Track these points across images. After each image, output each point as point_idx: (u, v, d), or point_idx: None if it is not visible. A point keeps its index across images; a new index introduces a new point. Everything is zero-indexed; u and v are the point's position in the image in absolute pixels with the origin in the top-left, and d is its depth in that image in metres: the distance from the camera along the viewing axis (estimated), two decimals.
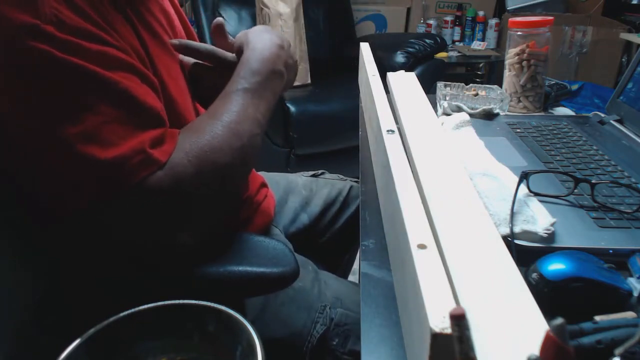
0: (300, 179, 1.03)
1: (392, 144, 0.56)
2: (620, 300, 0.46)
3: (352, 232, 1.02)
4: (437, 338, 0.29)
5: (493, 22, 3.09)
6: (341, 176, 1.09)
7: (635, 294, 0.47)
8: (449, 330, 0.28)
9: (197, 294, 0.57)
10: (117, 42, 0.52)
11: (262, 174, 0.93)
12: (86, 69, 0.48)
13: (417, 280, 0.34)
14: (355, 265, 1.20)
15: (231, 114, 0.57)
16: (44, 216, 0.54)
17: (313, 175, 1.07)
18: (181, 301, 0.46)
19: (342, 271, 1.10)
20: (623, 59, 2.76)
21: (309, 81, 2.34)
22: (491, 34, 3.11)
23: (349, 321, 0.72)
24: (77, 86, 0.49)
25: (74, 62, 0.47)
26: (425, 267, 0.35)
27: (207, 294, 0.58)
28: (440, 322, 0.29)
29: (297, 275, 0.58)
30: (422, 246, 0.37)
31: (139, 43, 0.58)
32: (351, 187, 1.04)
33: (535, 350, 0.28)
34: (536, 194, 0.61)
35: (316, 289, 0.75)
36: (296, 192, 0.99)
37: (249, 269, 0.57)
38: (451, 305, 0.31)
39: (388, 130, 0.59)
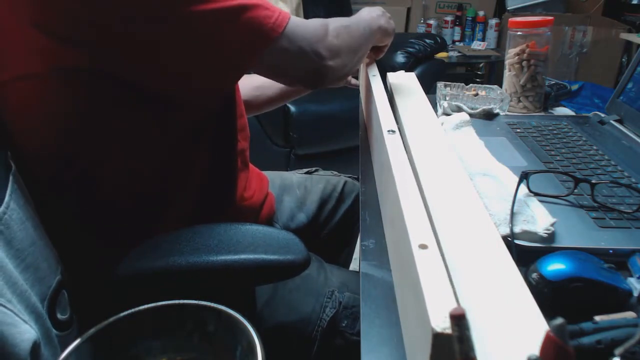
0: (295, 177, 1.04)
1: (392, 144, 0.56)
2: (620, 300, 0.46)
3: (349, 226, 1.03)
4: (438, 338, 0.29)
5: (493, 22, 3.10)
6: (335, 172, 1.10)
7: (635, 294, 0.47)
8: (450, 330, 0.28)
9: (213, 281, 0.60)
10: None
11: None
12: None
13: (418, 280, 0.34)
14: (355, 265, 1.20)
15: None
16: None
17: (307, 173, 1.08)
18: (181, 301, 0.46)
19: (342, 264, 1.11)
20: (623, 59, 2.76)
21: None
22: (491, 34, 3.11)
23: (356, 303, 0.74)
24: None
25: None
26: (427, 267, 0.35)
27: (222, 281, 0.60)
28: (441, 322, 0.29)
29: (308, 263, 0.60)
30: (423, 246, 0.37)
31: None
32: (345, 182, 1.05)
33: (535, 350, 0.28)
34: (536, 194, 0.61)
35: (322, 276, 0.77)
36: (291, 191, 1.00)
37: (263, 256, 0.59)
38: (452, 306, 0.31)
39: (389, 130, 0.59)
